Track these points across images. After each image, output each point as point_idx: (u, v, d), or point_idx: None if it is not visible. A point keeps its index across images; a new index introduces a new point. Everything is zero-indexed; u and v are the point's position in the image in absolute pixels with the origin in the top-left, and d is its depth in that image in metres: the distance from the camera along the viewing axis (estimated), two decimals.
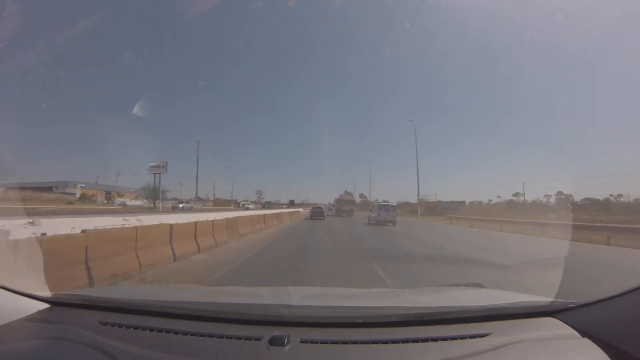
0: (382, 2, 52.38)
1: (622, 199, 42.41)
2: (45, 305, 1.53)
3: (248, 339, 1.19)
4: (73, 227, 6.68)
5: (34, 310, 1.48)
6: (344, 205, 42.81)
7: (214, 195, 79.17)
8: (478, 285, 2.15)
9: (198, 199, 69.76)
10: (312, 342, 1.18)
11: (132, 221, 10.39)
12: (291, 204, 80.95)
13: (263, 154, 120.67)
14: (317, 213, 31.02)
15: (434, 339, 1.18)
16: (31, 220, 7.01)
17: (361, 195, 74.17)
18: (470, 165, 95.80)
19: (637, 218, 23.59)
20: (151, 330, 1.29)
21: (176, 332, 1.27)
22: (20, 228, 6.37)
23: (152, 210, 35.84)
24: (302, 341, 1.17)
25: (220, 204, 69.34)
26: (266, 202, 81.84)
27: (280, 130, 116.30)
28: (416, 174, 41.48)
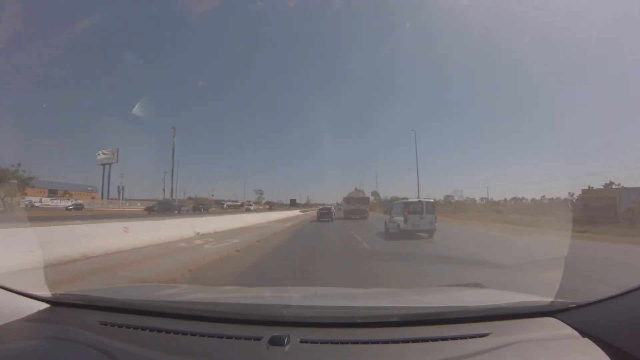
0: (383, 1, 52.58)
1: None
2: (45, 305, 1.54)
3: (248, 339, 1.19)
4: None
5: (34, 310, 1.48)
6: (355, 205, 33.70)
7: (170, 191, 66.25)
8: (478, 285, 2.14)
9: (190, 199, 62.97)
10: (312, 342, 1.18)
11: None
12: (292, 204, 79.94)
13: (266, 153, 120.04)
14: (324, 214, 30.42)
15: (434, 339, 1.18)
16: None
17: (374, 194, 66.32)
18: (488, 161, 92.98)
19: None
20: (151, 330, 1.29)
21: (176, 332, 1.27)
22: None
23: None
24: (302, 341, 1.17)
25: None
26: (164, 200, 45.04)
27: (283, 129, 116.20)
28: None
